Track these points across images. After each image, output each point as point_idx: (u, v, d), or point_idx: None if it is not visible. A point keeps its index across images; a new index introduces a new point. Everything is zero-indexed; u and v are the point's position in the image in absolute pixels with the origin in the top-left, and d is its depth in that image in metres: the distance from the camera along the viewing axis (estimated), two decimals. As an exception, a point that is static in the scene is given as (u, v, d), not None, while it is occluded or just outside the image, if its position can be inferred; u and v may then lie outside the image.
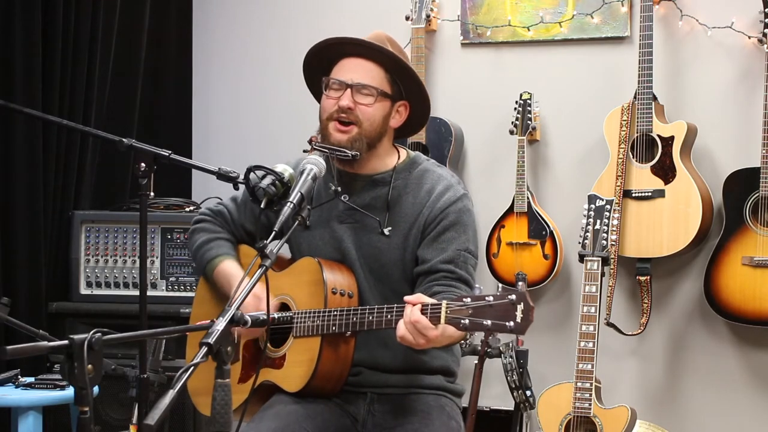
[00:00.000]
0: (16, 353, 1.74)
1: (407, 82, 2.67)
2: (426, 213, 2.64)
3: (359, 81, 2.61)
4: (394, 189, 2.68)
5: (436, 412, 2.65)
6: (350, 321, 2.50)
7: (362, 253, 2.67)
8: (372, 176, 2.69)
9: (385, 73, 2.64)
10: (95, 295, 4.11)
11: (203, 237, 2.86)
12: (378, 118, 2.63)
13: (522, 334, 2.23)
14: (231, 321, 2.00)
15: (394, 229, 2.65)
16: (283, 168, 2.46)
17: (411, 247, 2.65)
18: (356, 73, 2.62)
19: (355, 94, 2.61)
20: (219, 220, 2.88)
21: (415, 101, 2.71)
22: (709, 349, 4.18)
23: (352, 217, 2.69)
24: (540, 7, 4.39)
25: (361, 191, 2.69)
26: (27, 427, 3.47)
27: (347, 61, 2.65)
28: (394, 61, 2.63)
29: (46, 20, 4.05)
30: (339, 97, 2.61)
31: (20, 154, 3.98)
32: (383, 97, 2.63)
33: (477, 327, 2.25)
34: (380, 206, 2.67)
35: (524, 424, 3.99)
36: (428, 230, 2.64)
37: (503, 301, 2.22)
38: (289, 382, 2.61)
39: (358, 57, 2.64)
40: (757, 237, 3.87)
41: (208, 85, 5.02)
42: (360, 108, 2.61)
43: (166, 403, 1.81)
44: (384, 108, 2.65)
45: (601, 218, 3.67)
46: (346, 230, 2.69)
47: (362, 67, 2.63)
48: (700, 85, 4.18)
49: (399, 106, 2.69)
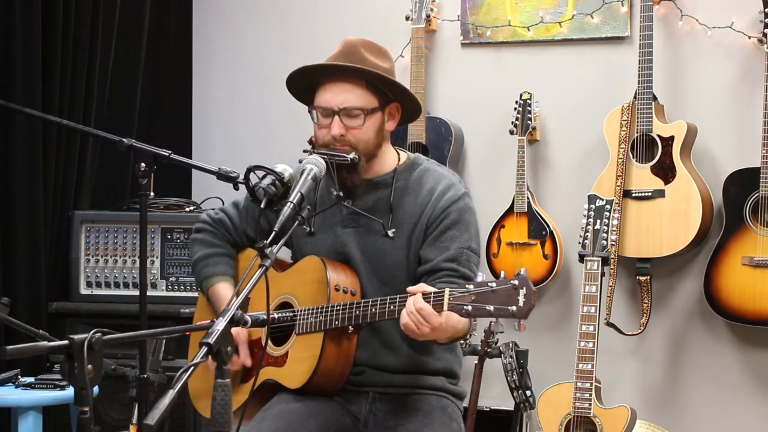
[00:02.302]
0: (16, 353, 1.75)
1: (391, 87, 2.65)
2: (428, 213, 2.64)
3: (344, 105, 2.59)
4: (396, 190, 2.67)
5: (437, 413, 2.66)
6: (353, 314, 2.51)
7: (367, 256, 2.67)
8: (373, 179, 2.69)
9: (367, 86, 2.61)
10: (95, 295, 4.10)
11: (202, 251, 2.87)
12: (372, 135, 2.62)
13: (525, 318, 2.24)
14: (231, 321, 2.01)
15: (398, 231, 2.65)
16: (283, 168, 2.46)
17: (414, 248, 2.65)
18: (339, 97, 2.59)
19: (343, 119, 2.59)
20: (219, 230, 2.88)
21: (404, 100, 2.69)
22: (709, 349, 4.18)
23: (356, 221, 2.69)
24: (540, 7, 4.39)
25: (363, 195, 2.69)
26: (27, 427, 3.47)
27: (328, 85, 2.61)
28: (372, 75, 2.60)
29: (46, 20, 4.04)
30: (329, 124, 2.59)
31: (20, 154, 3.97)
32: (372, 112, 2.61)
33: (480, 312, 2.26)
34: (383, 208, 2.67)
35: (524, 424, 3.99)
36: (430, 230, 2.64)
37: (505, 286, 2.24)
38: (291, 378, 2.62)
39: (337, 79, 2.61)
40: (757, 237, 3.87)
41: (208, 86, 5.02)
42: (352, 132, 2.59)
43: (166, 403, 1.81)
44: (375, 122, 2.63)
45: (601, 218, 3.67)
46: (350, 234, 2.69)
47: (344, 89, 2.60)
48: (700, 85, 4.18)
49: (390, 110, 2.68)
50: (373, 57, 2.63)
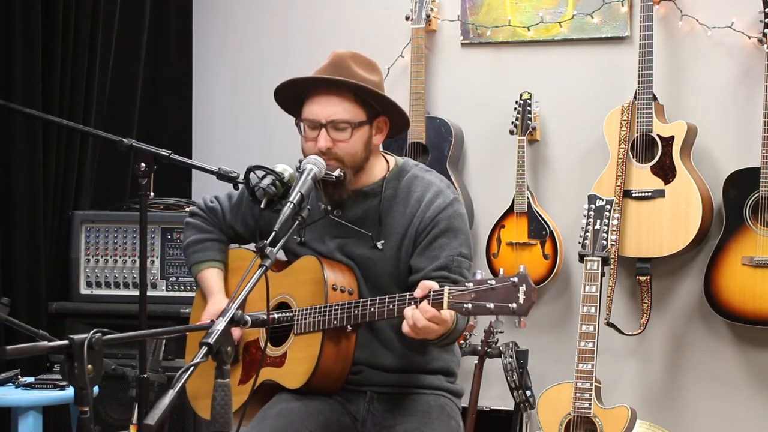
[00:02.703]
0: (16, 353, 1.75)
1: (379, 101, 2.64)
2: (416, 223, 2.64)
3: (332, 118, 2.57)
4: (385, 200, 2.67)
5: (435, 412, 2.66)
6: (351, 314, 2.51)
7: (356, 264, 2.67)
8: (362, 189, 2.68)
9: (354, 100, 2.60)
10: (95, 295, 4.11)
11: (194, 236, 2.91)
12: (359, 148, 2.61)
13: (525, 315, 2.24)
14: (231, 321, 2.01)
15: (387, 242, 2.65)
16: (283, 168, 2.46)
17: (404, 258, 2.65)
18: (327, 110, 2.58)
19: (330, 132, 2.58)
20: (211, 218, 2.91)
21: (392, 114, 2.68)
22: (709, 349, 4.18)
23: (345, 231, 2.68)
24: (540, 7, 4.39)
25: (353, 205, 2.68)
26: (27, 427, 3.47)
27: (316, 98, 2.61)
28: (360, 89, 2.60)
29: (46, 20, 4.04)
30: (316, 137, 2.58)
31: (20, 154, 3.98)
32: (359, 126, 2.60)
33: (480, 310, 2.26)
34: (372, 218, 2.67)
35: (524, 424, 3.99)
36: (420, 239, 2.63)
37: (505, 283, 2.24)
38: (290, 379, 2.62)
39: (324, 92, 2.60)
40: (757, 237, 3.87)
41: (208, 86, 5.02)
42: (339, 145, 2.58)
43: (166, 403, 1.81)
44: (363, 135, 2.62)
45: (601, 218, 3.67)
46: (339, 245, 2.69)
47: (331, 102, 2.59)
48: (700, 85, 4.18)
49: (378, 123, 2.66)
50: (362, 70, 2.62)
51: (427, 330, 2.37)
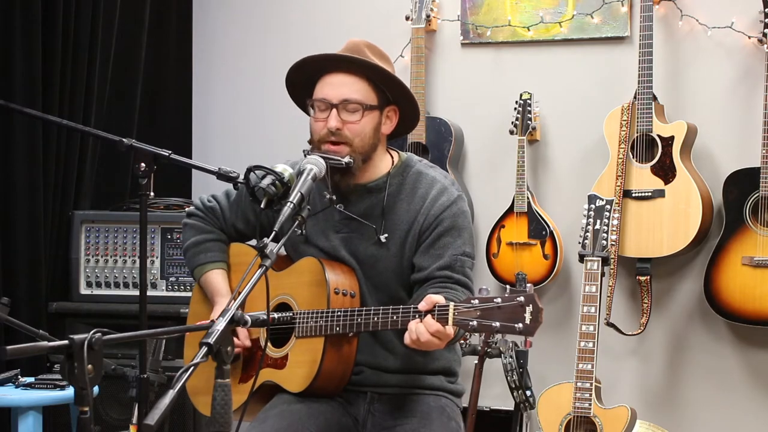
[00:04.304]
0: (16, 353, 1.74)
1: (392, 87, 2.65)
2: (420, 220, 2.64)
3: (343, 98, 2.58)
4: (389, 195, 2.66)
5: (435, 413, 2.66)
6: (354, 322, 2.50)
7: (359, 262, 2.67)
8: (366, 184, 2.68)
9: (368, 83, 2.61)
10: (95, 295, 4.11)
11: (194, 237, 2.88)
12: (368, 132, 2.61)
13: (531, 336, 2.22)
14: (231, 321, 2.01)
15: (390, 237, 2.65)
16: (283, 168, 2.46)
17: (407, 255, 2.64)
18: (339, 90, 2.59)
19: (341, 112, 2.58)
20: (210, 217, 2.89)
21: (403, 104, 2.69)
22: (709, 349, 4.18)
23: (348, 226, 2.68)
24: (540, 7, 4.39)
25: (357, 201, 2.68)
26: (27, 427, 3.47)
27: (329, 77, 2.62)
28: (375, 71, 2.61)
29: (46, 20, 4.04)
30: (326, 118, 2.58)
31: (20, 154, 3.97)
32: (370, 109, 2.60)
33: (485, 328, 2.25)
34: (376, 214, 2.66)
35: (524, 424, 3.99)
36: (423, 237, 2.63)
37: (512, 303, 2.22)
38: (291, 382, 2.61)
39: (338, 72, 2.61)
40: (757, 237, 3.87)
41: (208, 86, 5.02)
42: (348, 126, 2.58)
43: (166, 403, 1.81)
44: (373, 120, 2.62)
45: (601, 218, 3.67)
46: (342, 240, 2.68)
47: (344, 82, 2.60)
48: (700, 85, 4.18)
49: (388, 112, 2.67)
50: (377, 58, 2.64)
51: (429, 344, 2.36)
